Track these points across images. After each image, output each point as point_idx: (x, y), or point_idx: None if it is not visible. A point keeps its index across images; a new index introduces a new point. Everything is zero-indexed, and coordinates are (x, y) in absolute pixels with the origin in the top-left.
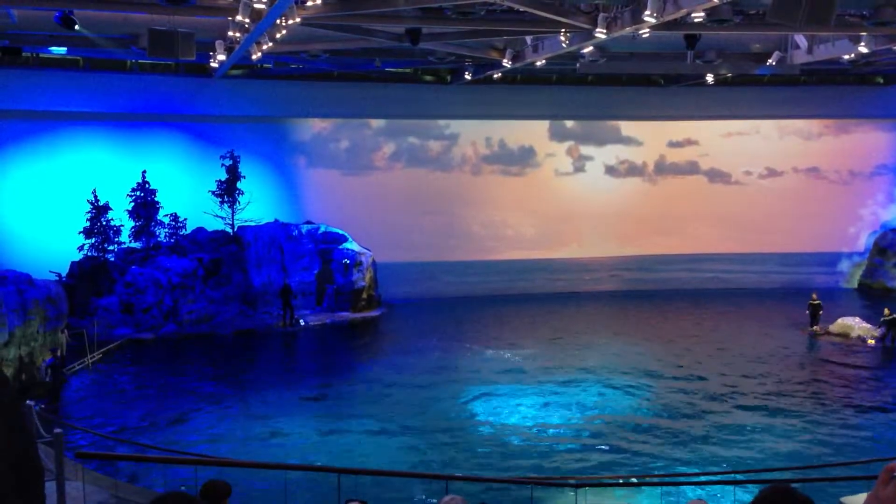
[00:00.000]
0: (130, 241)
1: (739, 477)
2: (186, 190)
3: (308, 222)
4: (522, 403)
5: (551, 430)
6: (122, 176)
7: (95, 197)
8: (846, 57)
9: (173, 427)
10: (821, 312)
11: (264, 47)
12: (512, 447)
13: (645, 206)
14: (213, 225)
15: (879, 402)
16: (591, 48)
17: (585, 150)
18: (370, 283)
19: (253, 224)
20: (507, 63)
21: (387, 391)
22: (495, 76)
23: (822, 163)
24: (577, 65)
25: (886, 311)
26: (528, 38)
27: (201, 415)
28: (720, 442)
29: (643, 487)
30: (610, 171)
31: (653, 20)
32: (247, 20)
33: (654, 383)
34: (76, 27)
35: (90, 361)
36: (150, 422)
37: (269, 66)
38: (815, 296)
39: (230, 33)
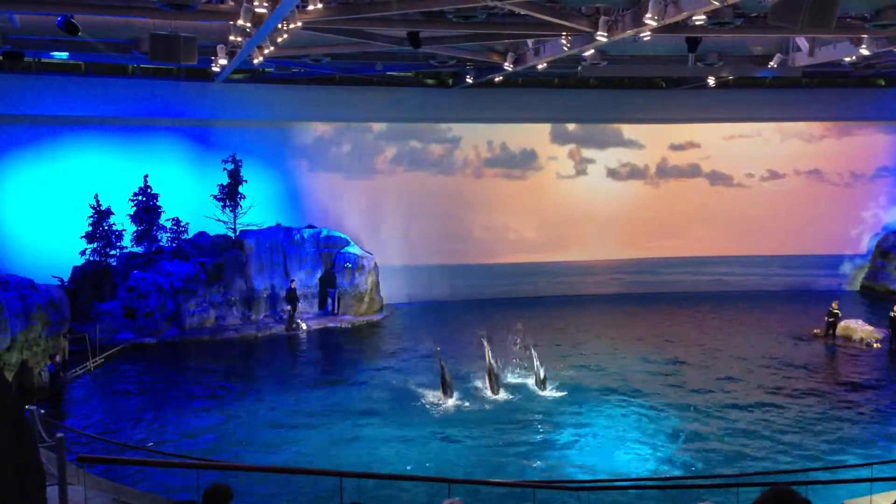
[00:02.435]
0: (132, 246)
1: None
2: (188, 194)
3: (310, 226)
4: (531, 408)
5: (562, 438)
6: (124, 180)
7: (97, 201)
8: (847, 59)
9: (176, 431)
10: (837, 321)
11: (266, 51)
12: (520, 453)
13: (647, 209)
14: (215, 229)
15: (885, 405)
16: (592, 51)
17: (587, 153)
18: (372, 286)
19: (255, 228)
20: (508, 66)
21: (391, 394)
22: (497, 79)
23: (823, 165)
24: (579, 68)
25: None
26: (530, 42)
27: (204, 419)
28: (731, 448)
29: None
30: (612, 174)
31: (654, 23)
32: (248, 24)
33: (662, 388)
34: (79, 33)
35: (92, 366)
36: (151, 426)
37: (271, 70)
38: (835, 304)
39: (231, 38)
